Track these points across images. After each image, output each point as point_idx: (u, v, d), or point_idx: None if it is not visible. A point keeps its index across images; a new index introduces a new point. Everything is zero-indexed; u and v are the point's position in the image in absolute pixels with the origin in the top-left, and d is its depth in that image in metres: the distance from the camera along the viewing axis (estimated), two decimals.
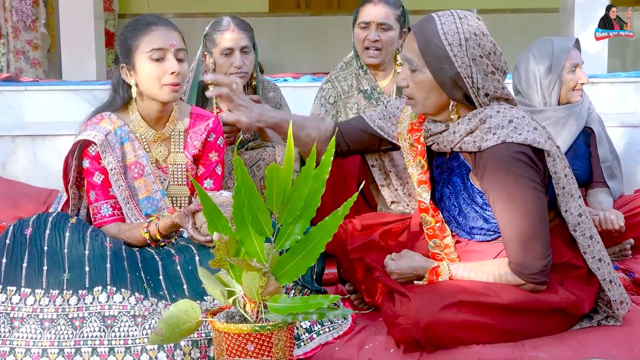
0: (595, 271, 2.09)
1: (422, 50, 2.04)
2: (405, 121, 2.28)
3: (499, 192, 1.99)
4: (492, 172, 2.00)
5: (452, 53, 2.01)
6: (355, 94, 3.18)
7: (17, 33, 6.64)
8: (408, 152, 2.26)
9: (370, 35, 3.09)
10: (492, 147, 1.99)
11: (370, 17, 3.10)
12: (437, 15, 2.07)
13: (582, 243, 2.09)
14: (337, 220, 1.69)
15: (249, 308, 1.71)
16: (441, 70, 2.03)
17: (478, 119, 2.04)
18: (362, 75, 3.18)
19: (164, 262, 2.20)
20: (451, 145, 2.10)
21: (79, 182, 2.43)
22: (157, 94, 2.33)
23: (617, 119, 3.94)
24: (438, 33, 2.02)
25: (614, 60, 6.66)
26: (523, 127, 2.01)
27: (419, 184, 2.22)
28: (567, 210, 2.08)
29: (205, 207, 1.72)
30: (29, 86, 4.58)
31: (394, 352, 2.02)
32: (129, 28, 2.38)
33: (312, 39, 8.41)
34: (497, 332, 2.02)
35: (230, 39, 3.06)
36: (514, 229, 1.99)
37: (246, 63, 3.08)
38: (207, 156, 2.50)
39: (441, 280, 2.12)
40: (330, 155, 1.70)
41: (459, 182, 2.14)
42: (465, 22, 2.04)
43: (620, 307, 2.13)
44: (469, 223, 2.14)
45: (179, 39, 2.36)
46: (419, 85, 2.08)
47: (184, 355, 1.92)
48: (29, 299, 2.00)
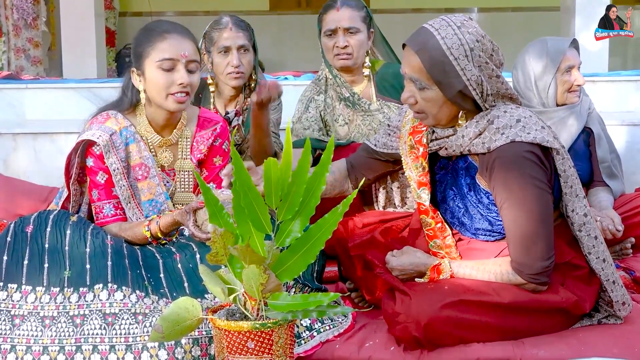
0: (599, 272, 2.09)
1: (429, 69, 1.99)
2: (407, 125, 2.27)
3: (507, 191, 1.98)
4: (501, 171, 1.99)
5: (459, 67, 1.97)
6: (337, 105, 3.12)
7: (17, 31, 6.64)
8: (407, 155, 2.25)
9: (339, 41, 3.00)
10: (501, 146, 1.99)
11: (335, 23, 2.99)
12: (432, 28, 2.01)
13: (587, 243, 2.08)
14: (337, 218, 1.69)
15: (249, 306, 1.71)
16: (449, 85, 2.00)
17: (486, 120, 2.03)
18: (341, 83, 3.09)
19: (165, 260, 2.20)
20: (460, 149, 2.08)
21: (81, 178, 2.43)
22: (163, 103, 2.32)
23: (618, 118, 3.94)
24: (442, 49, 1.97)
25: (614, 58, 6.65)
26: (531, 126, 2.00)
27: (419, 185, 2.21)
28: (574, 210, 2.07)
29: (208, 200, 1.72)
30: (29, 84, 4.58)
31: (395, 350, 2.02)
32: (144, 33, 2.36)
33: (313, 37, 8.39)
34: (497, 331, 2.02)
35: (227, 38, 3.03)
36: (519, 228, 1.99)
37: (243, 63, 3.04)
38: (211, 160, 2.50)
39: (442, 278, 2.12)
40: (330, 154, 1.70)
41: (466, 183, 2.13)
42: (464, 30, 2.00)
43: (622, 308, 2.12)
44: (474, 224, 2.13)
45: (192, 50, 2.33)
46: (429, 102, 2.04)
47: (184, 353, 1.93)
48: (30, 296, 2.00)
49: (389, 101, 3.10)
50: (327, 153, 1.70)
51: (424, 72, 2.01)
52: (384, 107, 3.09)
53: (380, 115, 3.08)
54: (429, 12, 8.62)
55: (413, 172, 2.22)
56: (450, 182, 2.18)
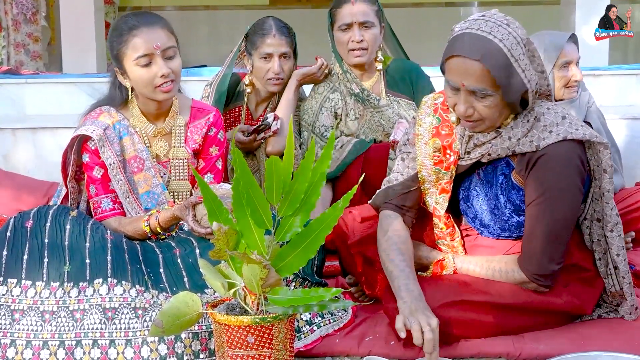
0: (624, 274, 2.05)
1: (496, 75, 1.87)
2: (426, 122, 2.13)
3: (543, 189, 1.94)
4: (543, 168, 1.94)
5: (520, 69, 1.90)
6: (349, 99, 3.11)
7: (17, 26, 6.63)
8: (427, 156, 2.11)
9: (355, 36, 2.97)
10: (552, 144, 1.93)
11: (351, 17, 2.97)
12: (485, 32, 1.89)
13: (618, 244, 2.04)
14: (337, 213, 1.69)
15: (249, 300, 1.71)
16: (513, 88, 1.90)
17: (533, 118, 1.97)
18: (351, 79, 3.07)
19: (165, 254, 2.20)
20: (507, 152, 2.00)
21: (79, 176, 2.43)
22: (151, 95, 2.33)
23: (619, 112, 3.94)
24: (503, 52, 1.87)
25: (615, 52, 6.65)
26: (576, 122, 1.97)
27: (442, 192, 2.12)
28: (612, 209, 2.03)
29: (206, 197, 1.72)
30: (29, 79, 4.58)
31: (395, 345, 2.02)
32: (114, 34, 2.34)
33: (313, 32, 8.38)
34: (498, 329, 2.02)
35: (270, 44, 3.01)
36: (543, 228, 1.96)
37: (284, 70, 3.05)
38: (207, 150, 2.50)
39: (445, 274, 2.11)
40: (330, 148, 1.70)
41: (499, 181, 2.07)
42: (514, 27, 1.92)
43: (635, 312, 2.11)
44: (496, 226, 2.10)
45: (165, 37, 2.30)
46: (491, 109, 1.93)
47: (184, 347, 1.92)
48: (30, 291, 2.00)
49: (398, 97, 3.11)
50: (328, 148, 1.70)
51: (488, 80, 1.89)
52: (393, 103, 3.09)
53: (390, 111, 3.07)
54: (429, 6, 8.61)
55: (432, 177, 2.12)
56: (477, 181, 2.12)
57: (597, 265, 2.11)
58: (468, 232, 2.20)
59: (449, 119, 2.08)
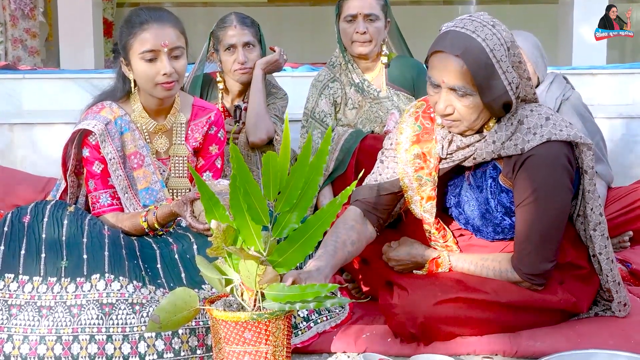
0: (607, 272, 2.06)
1: (474, 73, 1.86)
2: (407, 130, 2.13)
3: (531, 190, 1.94)
4: (530, 170, 1.94)
5: (501, 70, 1.89)
6: (348, 89, 3.16)
7: (15, 21, 6.62)
8: (409, 164, 2.11)
9: (359, 27, 3.05)
10: (536, 146, 1.93)
11: (356, 9, 3.05)
12: (467, 30, 1.89)
13: (600, 243, 2.05)
14: (335, 209, 1.69)
15: (246, 296, 1.71)
16: (491, 89, 1.89)
17: (516, 121, 1.97)
18: (352, 69, 3.15)
19: (162, 250, 2.20)
20: (491, 155, 2.00)
21: (78, 170, 2.43)
22: (152, 91, 2.33)
23: (616, 111, 3.94)
24: (485, 51, 1.86)
25: (613, 51, 6.67)
26: (560, 123, 1.96)
27: (428, 200, 2.11)
28: (592, 209, 2.03)
29: (203, 195, 1.72)
30: (27, 74, 4.58)
31: (391, 342, 2.02)
32: (125, 25, 2.35)
33: (311, 29, 8.39)
34: (493, 327, 2.02)
35: (232, 35, 3.09)
36: (533, 228, 1.97)
37: (250, 58, 3.11)
38: (207, 149, 2.50)
39: (440, 272, 2.12)
40: (327, 144, 1.70)
41: (488, 185, 2.06)
42: (499, 29, 1.91)
43: (623, 309, 2.11)
44: (489, 229, 2.10)
45: (174, 36, 2.30)
46: (470, 109, 1.92)
47: (181, 343, 1.93)
48: (27, 286, 2.00)
49: (398, 90, 3.15)
50: (324, 144, 1.70)
51: (468, 77, 1.88)
52: (393, 96, 3.14)
53: (389, 103, 3.12)
54: (427, 4, 8.62)
55: (414, 184, 2.11)
56: (467, 187, 2.12)
57: (592, 262, 2.12)
58: (462, 232, 2.20)
59: (435, 120, 2.07)
